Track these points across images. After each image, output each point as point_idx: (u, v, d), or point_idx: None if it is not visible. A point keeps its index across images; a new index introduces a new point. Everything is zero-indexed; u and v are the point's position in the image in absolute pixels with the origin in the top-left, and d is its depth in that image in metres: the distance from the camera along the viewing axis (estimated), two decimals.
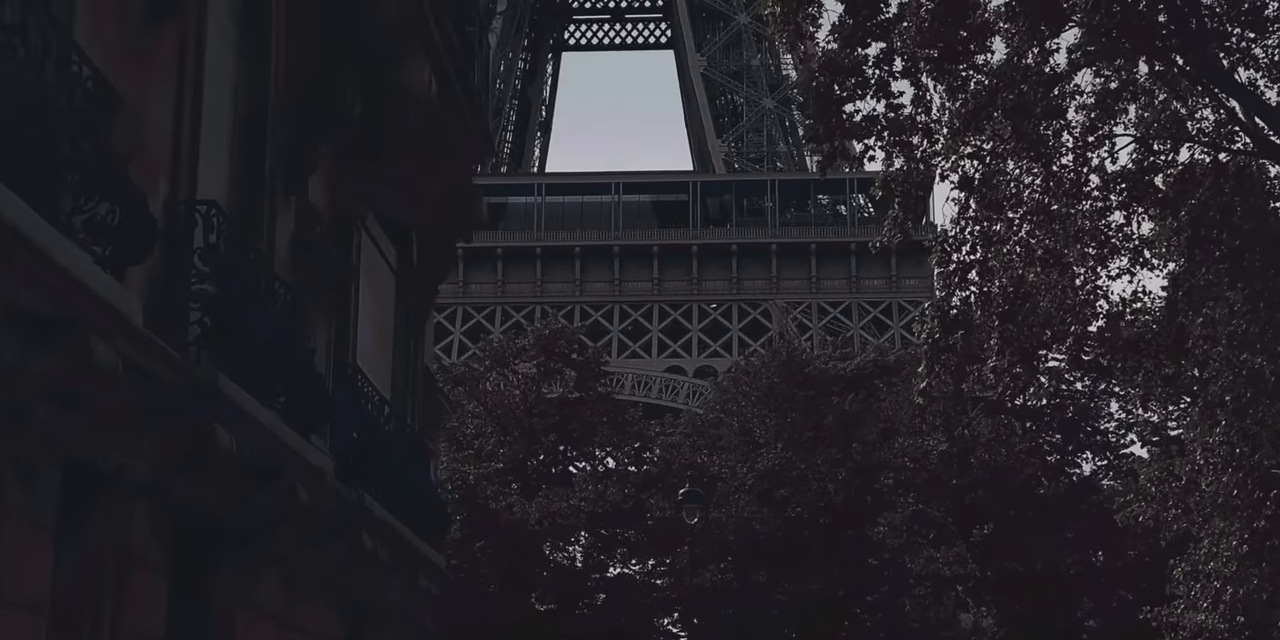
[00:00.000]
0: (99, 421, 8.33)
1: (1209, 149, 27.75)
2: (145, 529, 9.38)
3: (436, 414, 17.43)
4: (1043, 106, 26.04)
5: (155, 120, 9.51)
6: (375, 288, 15.02)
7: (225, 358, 9.72)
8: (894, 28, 25.94)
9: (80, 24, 8.29)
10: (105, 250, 7.84)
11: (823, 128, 25.96)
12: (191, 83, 9.92)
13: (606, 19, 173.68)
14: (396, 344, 15.98)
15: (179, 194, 9.77)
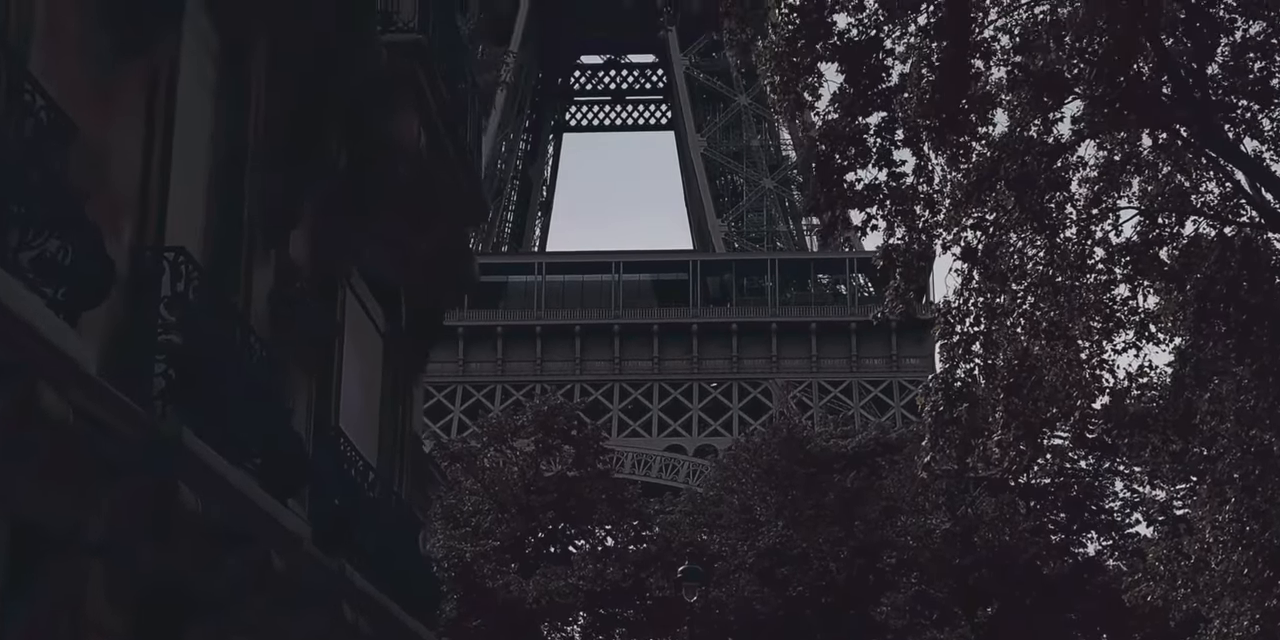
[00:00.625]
0: (50, 476, 7.77)
1: (1214, 222, 27.42)
2: (102, 594, 8.78)
3: (426, 483, 16.83)
4: (1046, 177, 25.73)
5: (120, 160, 9.03)
6: (361, 349, 14.49)
7: (192, 413, 9.18)
8: (895, 97, 25.66)
9: (37, 52, 7.82)
10: (57, 292, 7.33)
11: (824, 196, 25.57)
12: (162, 124, 9.44)
13: (607, 101, 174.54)
14: (384, 409, 15.41)
15: (145, 239, 9.26)
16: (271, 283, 11.57)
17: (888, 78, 25.73)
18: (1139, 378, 30.89)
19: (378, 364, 15.21)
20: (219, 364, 9.66)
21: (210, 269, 10.33)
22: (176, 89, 9.60)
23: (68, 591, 8.40)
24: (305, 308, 11.89)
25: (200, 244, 10.49)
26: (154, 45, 9.27)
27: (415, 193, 13.45)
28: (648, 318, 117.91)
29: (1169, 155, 27.27)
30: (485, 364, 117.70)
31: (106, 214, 8.46)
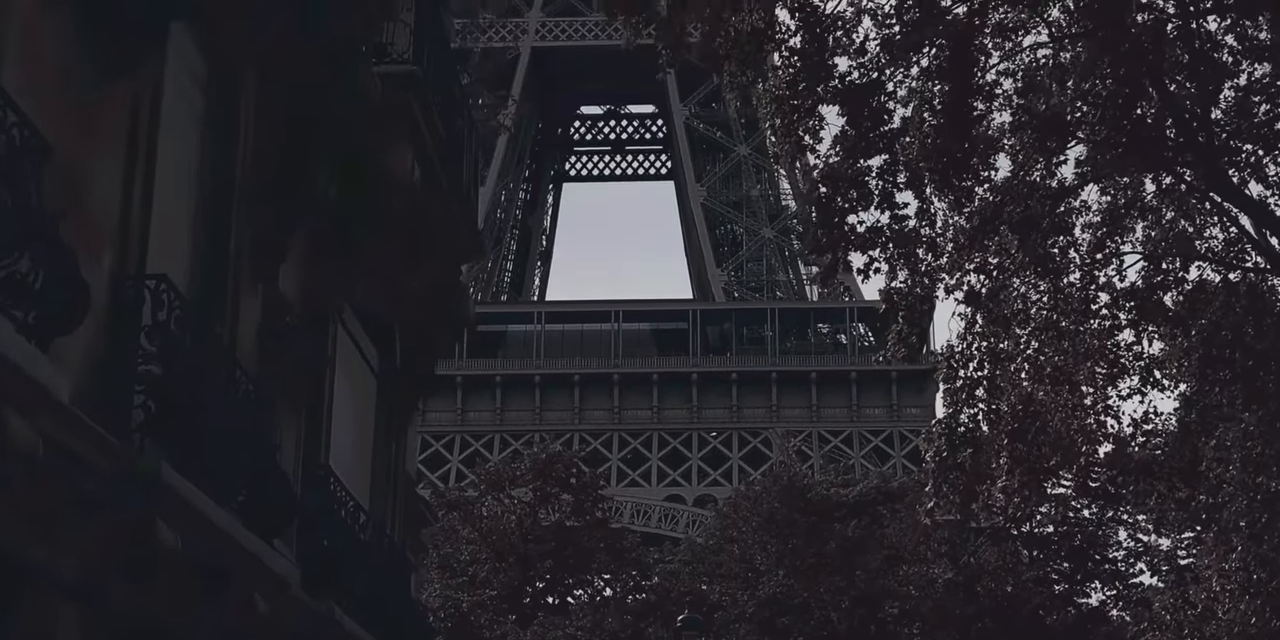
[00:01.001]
0: (17, 510, 7.42)
1: (1219, 267, 27.16)
2: (76, 636, 8.41)
3: (419, 525, 16.45)
4: (1049, 221, 25.49)
5: (100, 185, 8.72)
6: (353, 387, 14.15)
7: (172, 447, 8.83)
8: (897, 140, 25.42)
9: (11, 69, 7.53)
10: (27, 315, 7.00)
11: (825, 239, 25.30)
12: (145, 149, 9.14)
13: (607, 151, 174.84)
14: (376, 449, 15.04)
15: (126, 266, 8.94)
16: (260, 316, 11.25)
17: (889, 120, 25.52)
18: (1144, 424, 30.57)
19: (370, 403, 14.86)
20: (202, 397, 9.33)
21: (196, 300, 10.02)
22: (160, 115, 9.31)
23: (38, 633, 8.03)
24: (294, 342, 11.57)
25: (186, 275, 10.18)
26: (137, 68, 8.98)
27: (409, 227, 13.16)
28: (647, 367, 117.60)
29: (1172, 200, 27.07)
30: (484, 413, 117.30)
31: (84, 239, 8.14)
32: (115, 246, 8.85)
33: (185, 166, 10.24)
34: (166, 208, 9.61)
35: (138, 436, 8.68)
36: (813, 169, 25.71)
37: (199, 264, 10.44)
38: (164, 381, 8.74)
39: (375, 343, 14.71)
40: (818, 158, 25.63)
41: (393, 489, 14.98)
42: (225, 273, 10.61)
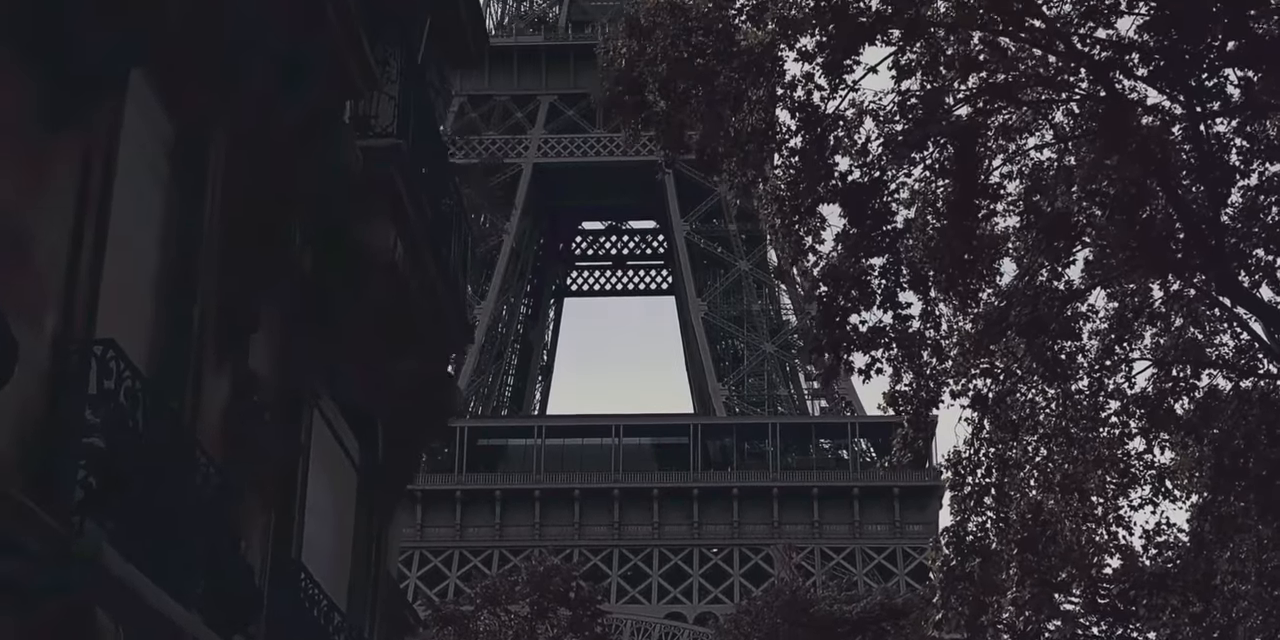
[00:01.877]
0: None
1: (1231, 374, 26.64)
2: None
3: (402, 632, 15.55)
4: (1058, 324, 24.99)
5: (45, 242, 8.02)
6: (331, 479, 13.35)
7: (117, 529, 8.06)
8: (900, 239, 24.97)
9: None
10: None
11: (826, 339, 24.72)
12: (95, 208, 8.45)
13: (608, 266, 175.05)
14: (356, 547, 14.19)
15: (72, 331, 8.23)
16: (227, 395, 10.52)
17: (892, 219, 25.08)
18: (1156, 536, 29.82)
19: (350, 498, 14.05)
20: (154, 476, 8.57)
21: (153, 373, 9.30)
22: (116, 170, 8.66)
23: None
24: (264, 426, 10.83)
25: (144, 345, 9.46)
26: (91, 118, 8.35)
27: (391, 308, 12.47)
28: (648, 482, 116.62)
29: (1181, 306, 26.65)
30: (483, 529, 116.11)
31: (22, 298, 7.46)
32: (60, 308, 8.12)
33: (146, 229, 9.58)
34: (123, 271, 8.93)
35: (76, 517, 7.90)
36: (814, 267, 25.21)
37: (159, 334, 9.72)
38: (108, 456, 7.98)
39: (356, 434, 13.95)
40: (819, 257, 25.19)
41: (372, 590, 14.11)
42: (188, 345, 9.89)
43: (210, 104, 9.93)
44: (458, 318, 14.37)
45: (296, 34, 10.25)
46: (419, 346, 13.41)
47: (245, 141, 10.27)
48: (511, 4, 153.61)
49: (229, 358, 10.47)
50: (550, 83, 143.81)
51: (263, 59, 10.13)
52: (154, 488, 8.55)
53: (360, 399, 13.25)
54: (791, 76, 25.17)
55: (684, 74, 25.36)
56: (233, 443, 10.49)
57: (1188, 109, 23.69)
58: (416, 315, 12.96)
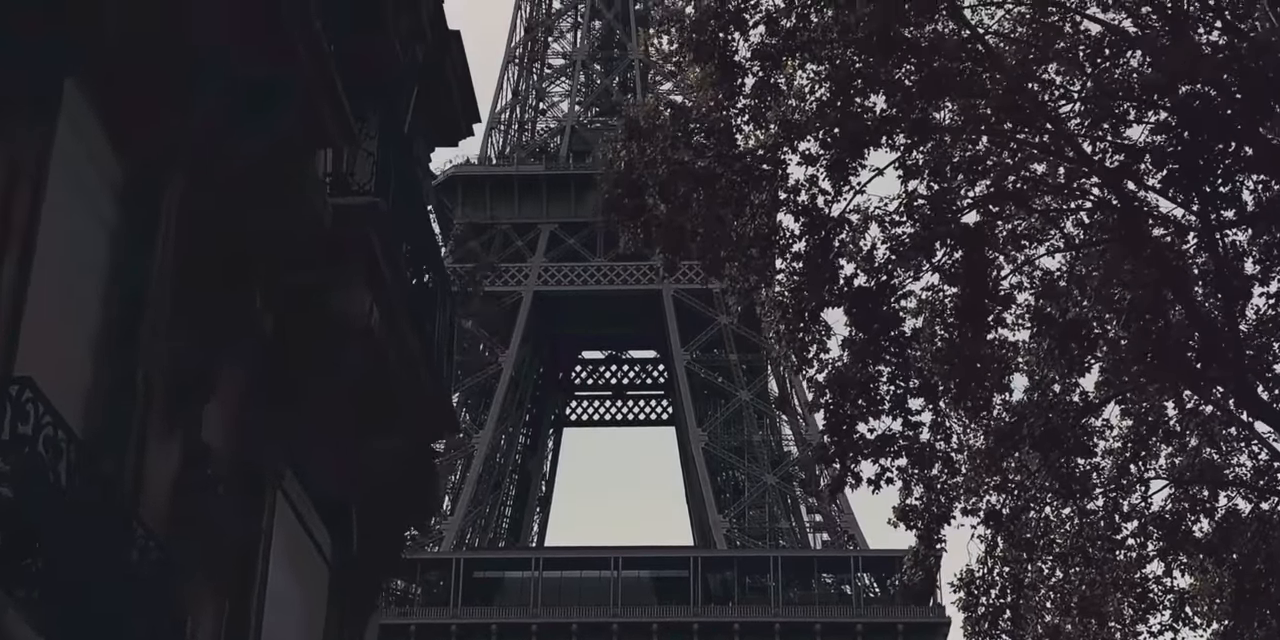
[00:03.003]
0: None
1: (1251, 495, 25.80)
2: None
3: None
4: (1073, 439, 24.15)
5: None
6: (297, 571, 12.19)
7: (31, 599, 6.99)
8: (909, 346, 24.18)
9: None
10: None
11: (834, 448, 23.74)
12: (19, 241, 7.50)
13: (608, 396, 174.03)
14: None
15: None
16: (176, 465, 9.48)
17: (900, 325, 24.28)
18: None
19: (321, 594, 12.88)
20: (78, 540, 7.52)
21: (88, 432, 8.28)
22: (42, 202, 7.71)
23: None
24: (217, 501, 9.76)
25: (78, 401, 8.44)
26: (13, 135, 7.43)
27: (366, 382, 11.43)
28: (647, 616, 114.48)
29: (1197, 425, 25.90)
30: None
31: None
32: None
33: (86, 275, 8.61)
34: (54, 317, 7.95)
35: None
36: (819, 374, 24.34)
37: (97, 390, 8.72)
38: (17, 507, 6.94)
39: (327, 525, 12.84)
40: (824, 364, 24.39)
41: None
42: (129, 405, 8.87)
43: (163, 141, 9.02)
44: (440, 400, 13.33)
45: (261, 68, 9.41)
46: (397, 426, 12.33)
47: (203, 185, 9.35)
48: (514, 134, 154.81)
49: (179, 423, 9.44)
50: (551, 211, 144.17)
51: (222, 93, 9.26)
52: (78, 553, 7.49)
53: (331, 483, 12.15)
54: (795, 180, 24.58)
55: (684, 176, 24.76)
56: (181, 518, 9.42)
57: (1202, 217, 23.02)
58: (394, 391, 11.92)
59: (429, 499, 13.82)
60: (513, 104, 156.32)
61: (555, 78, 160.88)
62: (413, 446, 12.96)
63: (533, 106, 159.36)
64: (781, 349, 25.31)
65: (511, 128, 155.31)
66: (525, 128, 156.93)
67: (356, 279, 10.83)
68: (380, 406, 11.90)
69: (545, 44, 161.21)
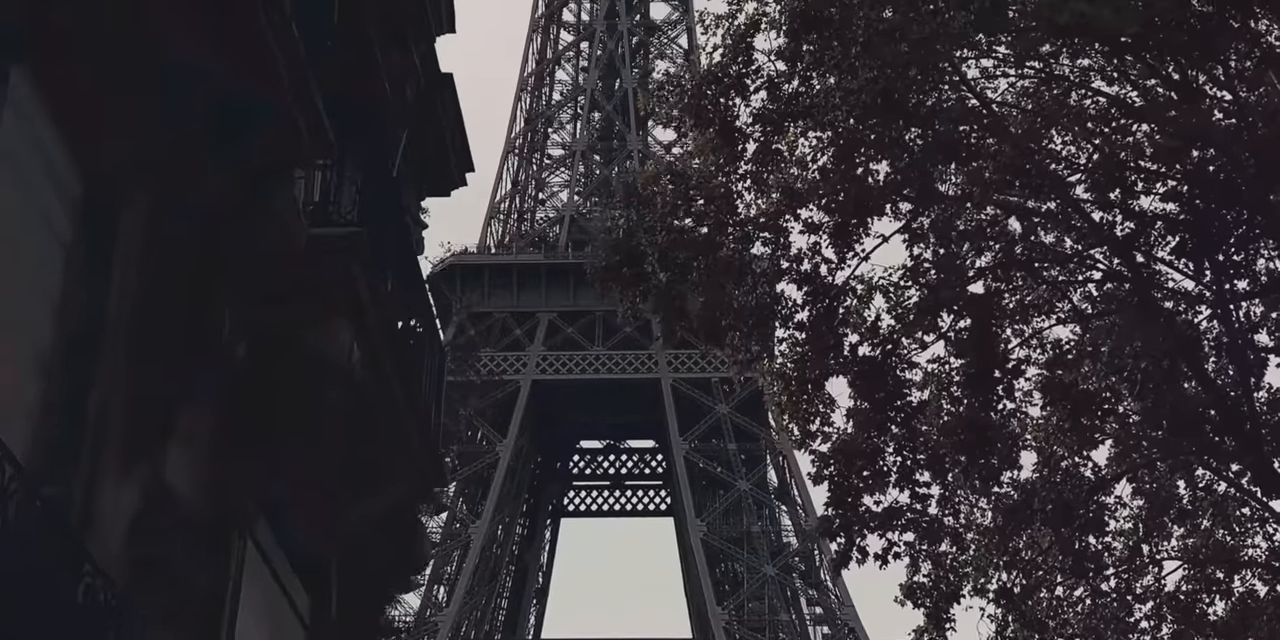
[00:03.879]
0: None
1: (1267, 576, 25.07)
2: None
3: None
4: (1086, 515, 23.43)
5: None
6: (270, 632, 11.36)
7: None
8: (915, 416, 23.51)
9: None
10: None
11: (839, 521, 22.96)
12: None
13: (606, 486, 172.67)
14: None
15: None
16: (134, 507, 8.70)
17: (907, 394, 23.64)
18: None
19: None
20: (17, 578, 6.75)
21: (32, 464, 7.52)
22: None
23: None
24: (180, 546, 8.97)
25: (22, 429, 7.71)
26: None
27: (347, 427, 10.66)
28: None
29: (1210, 504, 25.26)
30: None
31: None
32: None
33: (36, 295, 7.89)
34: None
35: None
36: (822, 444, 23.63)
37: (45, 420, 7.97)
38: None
39: (306, 584, 12.01)
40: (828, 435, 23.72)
41: None
42: (81, 437, 8.12)
43: (127, 155, 8.35)
44: (429, 452, 12.53)
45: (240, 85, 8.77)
46: (381, 477, 11.54)
47: (170, 204, 8.66)
48: (513, 224, 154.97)
49: (139, 461, 8.67)
50: (550, 300, 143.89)
51: (195, 108, 8.62)
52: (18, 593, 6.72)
53: (308, 536, 11.33)
54: (797, 249, 24.08)
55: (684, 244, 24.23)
56: (139, 562, 8.63)
57: (1215, 285, 22.44)
58: (377, 439, 11.14)
59: (414, 557, 12.98)
60: (512, 194, 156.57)
61: (555, 168, 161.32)
62: (397, 500, 12.14)
63: (532, 196, 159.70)
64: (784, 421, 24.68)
65: (511, 217, 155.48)
66: (525, 217, 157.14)
67: (336, 315, 10.10)
68: (363, 455, 11.11)
69: (545, 135, 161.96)
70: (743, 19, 23.61)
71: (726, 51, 23.52)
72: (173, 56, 8.41)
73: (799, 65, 22.73)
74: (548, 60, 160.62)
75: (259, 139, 8.84)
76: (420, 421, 11.99)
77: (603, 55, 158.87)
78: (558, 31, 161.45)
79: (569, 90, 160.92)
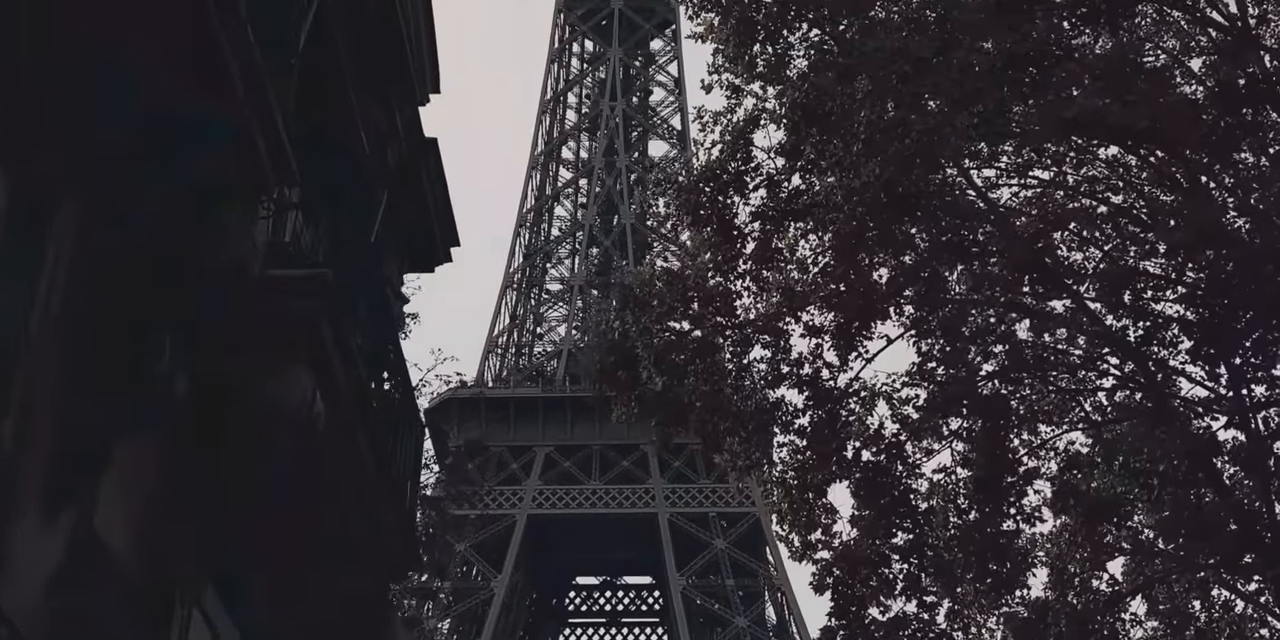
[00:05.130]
0: None
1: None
2: None
3: None
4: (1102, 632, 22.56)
5: None
6: None
7: None
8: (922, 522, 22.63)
9: None
10: None
11: (842, 632, 21.94)
12: None
13: (603, 623, 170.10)
14: None
15: None
16: (57, 557, 7.68)
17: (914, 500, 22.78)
18: None
19: None
20: None
21: None
22: None
23: None
24: (111, 609, 7.92)
25: None
26: None
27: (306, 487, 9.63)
28: None
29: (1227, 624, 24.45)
30: None
31: None
32: None
33: None
34: None
35: None
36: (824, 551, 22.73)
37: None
38: None
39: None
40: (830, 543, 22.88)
41: None
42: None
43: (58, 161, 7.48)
44: (402, 532, 11.47)
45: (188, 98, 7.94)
46: (347, 552, 10.46)
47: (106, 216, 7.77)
48: (510, 358, 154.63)
49: (64, 501, 7.67)
50: (547, 434, 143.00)
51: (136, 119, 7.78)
52: None
53: (263, 614, 10.23)
54: (798, 353, 23.41)
55: (681, 346, 23.53)
56: (61, 621, 7.59)
57: (1232, 390, 21.71)
58: (343, 506, 10.09)
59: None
60: (510, 328, 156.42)
61: (553, 302, 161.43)
62: (367, 581, 11.02)
63: (530, 331, 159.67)
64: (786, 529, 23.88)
65: (509, 352, 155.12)
66: (522, 352, 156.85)
67: (297, 363, 9.13)
68: (327, 524, 10.07)
69: (544, 270, 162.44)
70: (741, 114, 23.11)
71: (725, 147, 22.98)
72: (105, 57, 7.60)
73: (799, 160, 22.15)
74: (546, 196, 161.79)
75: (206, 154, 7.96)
76: (393, 495, 10.97)
77: (601, 192, 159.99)
78: (557, 169, 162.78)
79: (568, 226, 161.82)
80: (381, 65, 12.72)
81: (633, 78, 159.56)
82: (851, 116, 20.98)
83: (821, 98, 21.55)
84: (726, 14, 22.81)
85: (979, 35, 21.29)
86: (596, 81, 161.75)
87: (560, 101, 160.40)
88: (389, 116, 12.77)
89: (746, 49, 22.77)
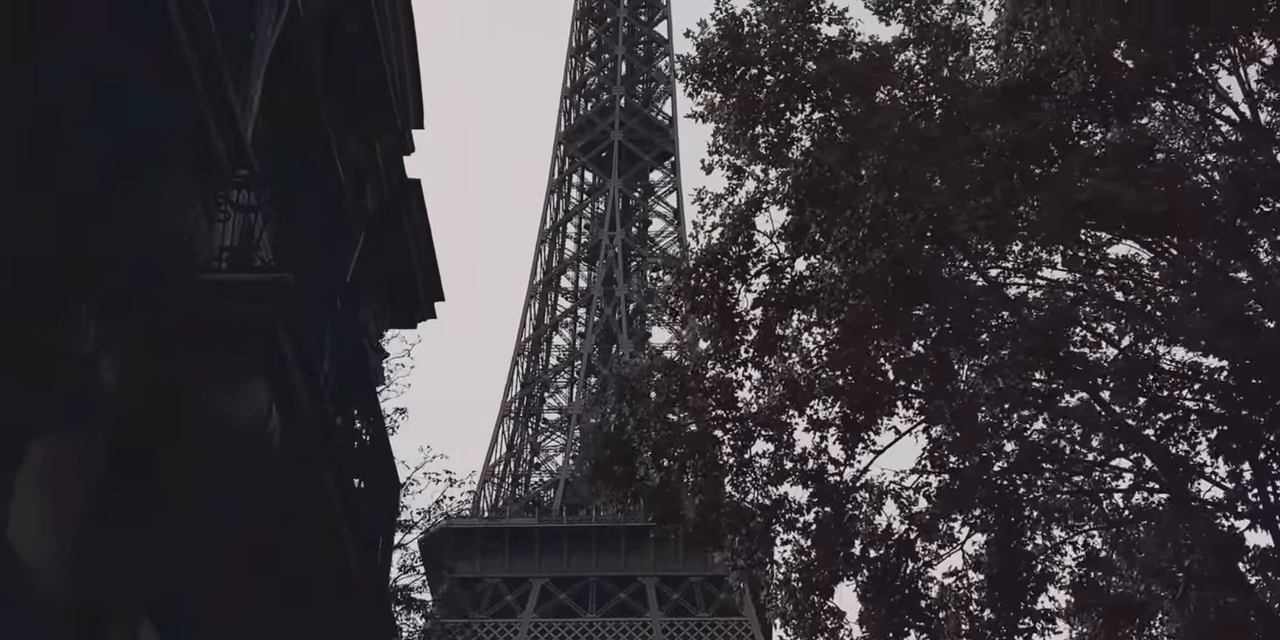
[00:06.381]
0: None
1: None
2: None
3: None
4: None
5: None
6: None
7: None
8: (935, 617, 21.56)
9: None
10: None
11: None
12: None
13: None
14: None
15: None
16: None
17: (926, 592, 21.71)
18: None
19: None
20: None
21: None
22: None
23: None
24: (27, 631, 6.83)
25: None
26: None
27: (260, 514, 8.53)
28: None
29: None
30: None
31: None
32: None
33: None
34: None
35: None
36: None
37: None
38: None
39: None
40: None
41: None
42: None
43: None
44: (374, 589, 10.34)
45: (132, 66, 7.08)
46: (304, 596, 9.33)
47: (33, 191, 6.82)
48: (507, 487, 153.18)
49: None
50: (543, 565, 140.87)
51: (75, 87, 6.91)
52: None
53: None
54: (802, 448, 22.49)
55: (679, 440, 22.61)
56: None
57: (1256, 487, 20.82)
58: (303, 543, 9.00)
59: None
60: (507, 457, 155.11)
61: (550, 431, 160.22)
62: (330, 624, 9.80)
63: (527, 460, 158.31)
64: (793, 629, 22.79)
65: (505, 481, 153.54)
66: (519, 481, 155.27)
67: (251, 374, 8.13)
68: (285, 562, 8.96)
69: (541, 399, 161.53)
70: (742, 196, 22.40)
71: (726, 231, 22.22)
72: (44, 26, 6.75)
73: (803, 241, 21.34)
74: (545, 325, 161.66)
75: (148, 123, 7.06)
76: (360, 543, 9.88)
77: (600, 321, 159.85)
78: (555, 298, 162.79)
79: (566, 355, 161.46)
80: (362, 100, 11.92)
81: (632, 208, 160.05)
82: (857, 197, 20.28)
83: (825, 176, 20.86)
84: (728, 92, 22.19)
85: (986, 121, 20.70)
86: (595, 212, 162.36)
87: (560, 231, 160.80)
88: (369, 153, 11.92)
89: (748, 128, 22.11)
